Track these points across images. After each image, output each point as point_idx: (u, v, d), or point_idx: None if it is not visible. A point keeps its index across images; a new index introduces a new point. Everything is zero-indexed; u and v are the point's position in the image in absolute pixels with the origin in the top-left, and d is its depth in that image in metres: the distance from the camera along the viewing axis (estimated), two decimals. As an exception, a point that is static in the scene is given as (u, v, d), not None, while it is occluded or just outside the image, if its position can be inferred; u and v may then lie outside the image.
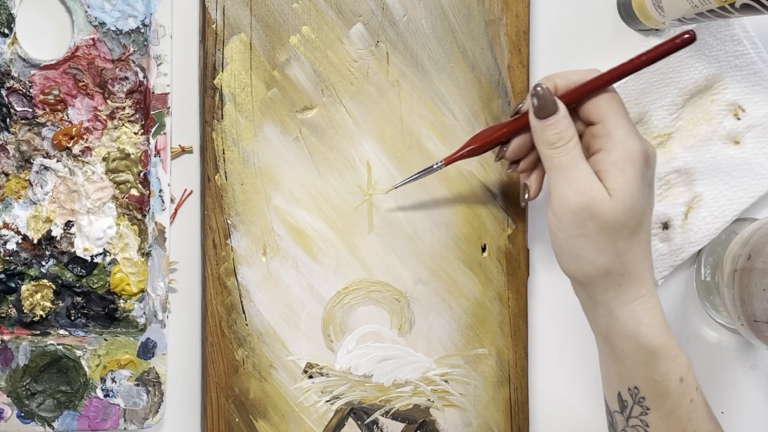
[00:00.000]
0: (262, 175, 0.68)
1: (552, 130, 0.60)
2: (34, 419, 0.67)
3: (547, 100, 0.61)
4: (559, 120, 0.60)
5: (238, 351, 0.68)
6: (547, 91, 0.61)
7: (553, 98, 0.61)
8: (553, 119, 0.60)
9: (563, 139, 0.60)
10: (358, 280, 0.70)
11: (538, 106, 0.61)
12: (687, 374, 0.62)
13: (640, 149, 0.60)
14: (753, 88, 0.73)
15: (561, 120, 0.60)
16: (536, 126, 0.61)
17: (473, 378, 0.71)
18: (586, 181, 0.59)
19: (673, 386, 0.61)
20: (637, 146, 0.60)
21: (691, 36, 0.60)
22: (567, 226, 0.60)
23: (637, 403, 0.62)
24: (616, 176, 0.59)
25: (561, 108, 0.61)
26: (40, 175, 0.66)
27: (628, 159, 0.59)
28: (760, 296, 0.67)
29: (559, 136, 0.60)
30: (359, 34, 0.69)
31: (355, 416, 0.70)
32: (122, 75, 0.67)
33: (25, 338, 0.66)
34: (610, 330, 0.62)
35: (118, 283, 0.67)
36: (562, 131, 0.60)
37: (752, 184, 0.73)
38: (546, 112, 0.61)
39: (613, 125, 0.60)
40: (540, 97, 0.61)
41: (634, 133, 0.60)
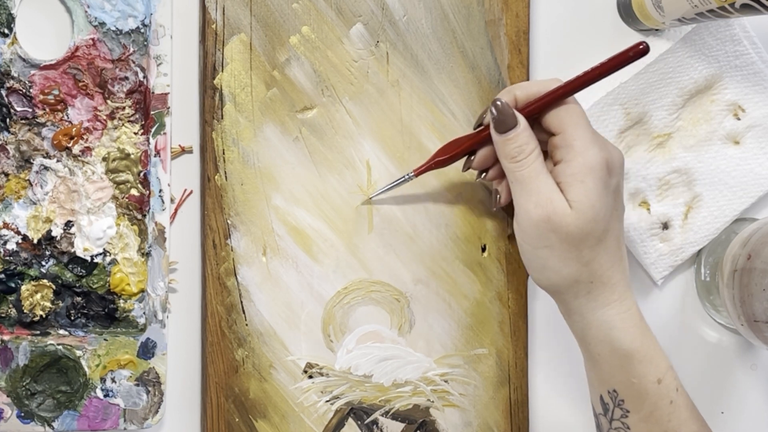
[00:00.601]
0: (262, 175, 0.68)
1: (512, 144, 0.61)
2: (34, 419, 0.67)
3: (506, 114, 0.61)
4: (518, 134, 0.61)
5: (238, 351, 0.68)
6: (505, 106, 0.61)
7: (512, 112, 0.61)
8: (513, 133, 0.61)
9: (523, 152, 0.61)
10: (358, 280, 0.70)
11: (497, 120, 0.62)
12: (665, 375, 0.62)
13: (599, 159, 0.60)
14: (753, 88, 0.73)
15: (521, 134, 0.61)
16: (497, 140, 0.62)
17: (473, 378, 0.71)
18: (547, 194, 0.60)
19: (650, 388, 0.62)
20: (596, 156, 0.60)
21: (644, 47, 0.60)
22: (531, 238, 0.62)
23: (617, 405, 0.63)
24: (575, 187, 0.60)
25: (521, 122, 0.61)
26: (40, 175, 0.66)
27: (588, 169, 0.60)
28: (760, 296, 0.67)
29: (519, 150, 0.61)
30: (359, 34, 0.69)
31: (355, 416, 0.70)
32: (122, 75, 0.67)
33: (25, 338, 0.66)
34: (585, 334, 0.63)
35: (118, 283, 0.67)
36: (522, 144, 0.61)
37: (752, 184, 0.73)
38: (505, 126, 0.61)
39: (573, 136, 0.61)
40: (499, 111, 0.62)
41: (594, 142, 0.61)
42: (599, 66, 0.62)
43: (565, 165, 0.61)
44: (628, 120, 0.72)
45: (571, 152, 0.61)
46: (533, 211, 0.61)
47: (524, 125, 0.61)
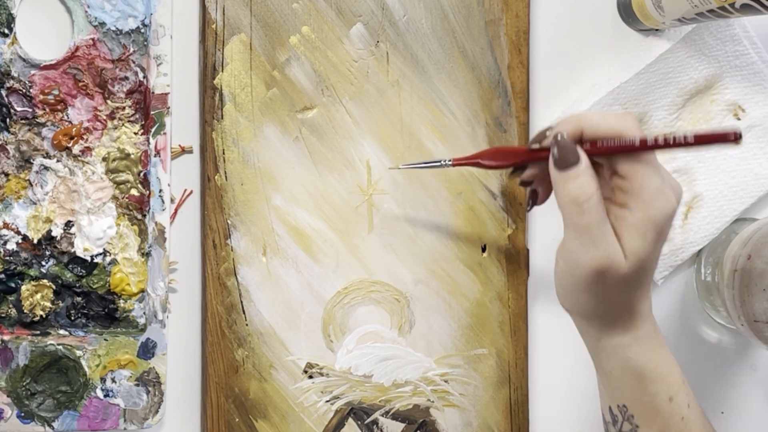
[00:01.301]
0: (262, 175, 0.68)
1: (572, 184, 0.56)
2: (34, 419, 0.67)
3: (568, 150, 0.56)
4: (580, 173, 0.56)
5: (238, 351, 0.68)
6: (568, 142, 0.56)
7: (574, 149, 0.56)
8: (574, 171, 0.56)
9: (585, 193, 0.56)
10: (358, 280, 0.70)
11: (559, 157, 0.56)
12: (678, 393, 0.60)
13: (666, 213, 0.56)
14: (753, 88, 0.73)
15: (582, 173, 0.56)
16: (556, 177, 0.57)
17: (473, 378, 0.71)
18: (605, 247, 0.56)
19: (662, 406, 0.60)
20: (663, 210, 0.56)
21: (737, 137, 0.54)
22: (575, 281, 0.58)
23: (626, 419, 0.62)
24: (635, 239, 0.56)
25: (582, 160, 0.56)
26: (40, 175, 0.66)
27: (652, 224, 0.56)
28: (760, 296, 0.67)
29: (581, 190, 0.56)
30: (359, 34, 0.69)
31: (355, 416, 0.70)
32: (122, 75, 0.67)
33: (25, 338, 0.66)
34: (598, 352, 0.61)
35: (118, 283, 0.67)
36: (583, 184, 0.56)
37: (752, 184, 0.73)
38: (566, 163, 0.56)
39: (642, 186, 0.56)
40: (560, 146, 0.56)
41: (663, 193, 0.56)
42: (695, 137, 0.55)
43: (629, 213, 0.56)
44: (628, 120, 0.72)
45: (638, 202, 0.56)
46: (587, 262, 0.57)
47: (586, 164, 0.56)
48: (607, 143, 0.56)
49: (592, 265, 0.56)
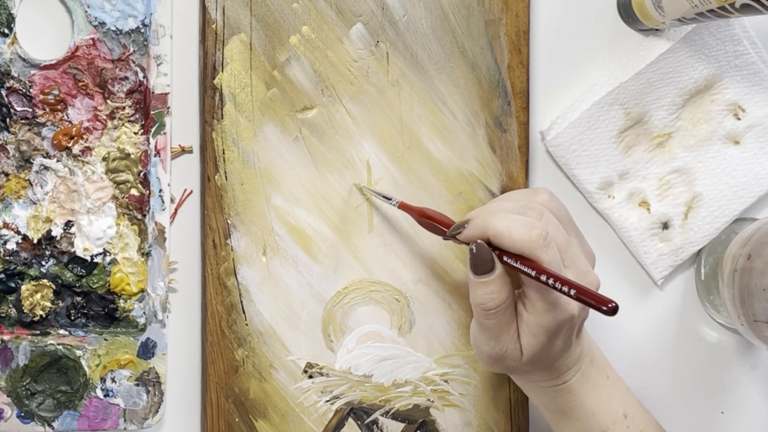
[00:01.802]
0: (262, 175, 0.68)
1: (484, 289, 0.59)
2: (34, 419, 0.67)
3: (484, 259, 0.59)
4: (493, 280, 0.59)
5: (238, 351, 0.68)
6: (484, 251, 0.59)
7: (490, 258, 0.59)
8: (487, 278, 0.59)
9: (493, 301, 0.59)
10: (358, 280, 0.70)
11: (474, 263, 0.59)
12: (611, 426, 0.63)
13: (558, 321, 0.59)
14: (753, 88, 0.73)
15: (494, 281, 0.59)
16: (470, 278, 0.60)
17: (473, 378, 0.71)
18: (504, 344, 0.60)
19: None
20: (555, 319, 0.58)
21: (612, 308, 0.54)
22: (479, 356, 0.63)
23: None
24: (528, 337, 0.60)
25: (497, 269, 0.59)
26: (40, 175, 0.66)
27: (544, 328, 0.59)
28: (760, 296, 0.67)
29: (489, 297, 0.59)
30: (359, 34, 0.69)
31: (355, 416, 0.70)
32: (122, 75, 0.67)
33: (25, 338, 0.66)
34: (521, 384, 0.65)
35: (118, 283, 0.67)
36: (493, 292, 0.59)
37: (752, 184, 0.73)
38: (481, 270, 0.59)
39: (534, 297, 0.59)
40: (476, 254, 0.59)
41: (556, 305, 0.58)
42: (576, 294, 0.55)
43: (524, 312, 0.59)
44: (628, 120, 0.72)
45: (531, 307, 0.59)
46: (487, 351, 0.61)
47: (499, 273, 0.59)
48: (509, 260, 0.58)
49: (491, 354, 0.61)
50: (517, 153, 0.71)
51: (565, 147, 0.72)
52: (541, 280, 0.56)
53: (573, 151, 0.72)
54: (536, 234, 0.57)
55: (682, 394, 0.75)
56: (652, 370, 0.74)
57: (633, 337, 0.74)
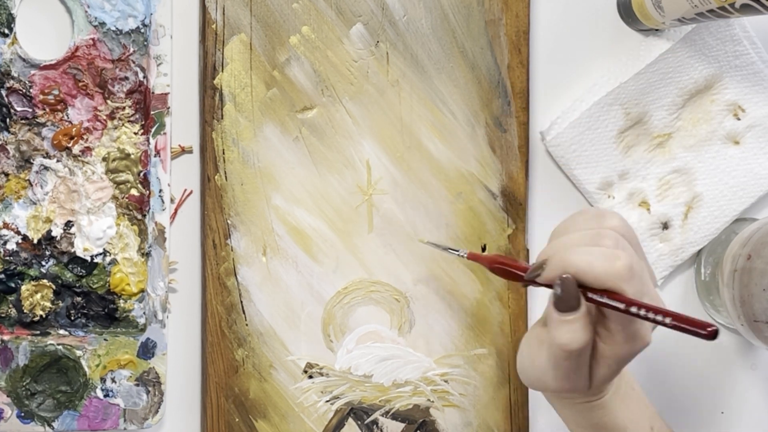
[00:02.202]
0: (262, 175, 0.68)
1: (568, 327, 0.56)
2: (34, 419, 0.67)
3: (571, 295, 0.55)
4: (576, 319, 0.55)
5: (238, 351, 0.68)
6: (572, 286, 0.55)
7: (577, 295, 0.55)
8: (572, 316, 0.55)
9: (577, 341, 0.56)
10: (358, 280, 0.70)
11: (559, 299, 0.56)
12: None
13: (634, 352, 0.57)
14: (753, 88, 0.73)
15: (578, 320, 0.56)
16: (552, 315, 0.56)
17: (473, 378, 0.71)
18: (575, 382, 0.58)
19: None
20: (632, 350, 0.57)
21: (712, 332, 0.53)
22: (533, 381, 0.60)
23: None
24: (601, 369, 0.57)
25: (582, 308, 0.55)
26: (40, 175, 0.66)
27: (619, 360, 0.57)
28: (760, 296, 0.67)
29: (573, 338, 0.55)
30: (359, 34, 0.69)
31: (355, 416, 0.70)
32: (122, 75, 0.67)
33: (25, 338, 0.66)
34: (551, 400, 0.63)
35: (118, 283, 0.67)
36: (577, 330, 0.55)
37: (752, 184, 0.73)
38: (566, 306, 0.56)
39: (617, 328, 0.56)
40: (564, 289, 0.55)
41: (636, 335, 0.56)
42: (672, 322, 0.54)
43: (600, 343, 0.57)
44: (628, 120, 0.72)
45: (609, 338, 0.57)
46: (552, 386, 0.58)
47: (584, 312, 0.55)
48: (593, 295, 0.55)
49: (556, 389, 0.58)
50: (517, 153, 0.71)
51: (565, 147, 0.72)
52: (632, 312, 0.54)
53: (573, 151, 0.72)
54: (621, 265, 0.55)
55: (682, 394, 0.75)
56: (652, 371, 0.74)
57: (633, 337, 0.74)
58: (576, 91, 0.73)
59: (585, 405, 0.61)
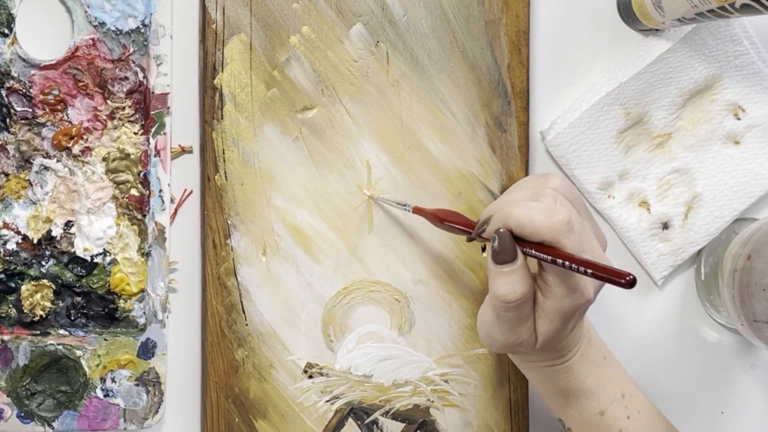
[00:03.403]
0: (262, 175, 0.68)
1: (506, 279, 0.58)
2: (34, 419, 0.67)
3: (507, 248, 0.58)
4: (515, 269, 0.58)
5: (238, 351, 0.68)
6: (507, 239, 0.58)
7: (513, 247, 0.58)
8: (509, 267, 0.58)
9: (515, 292, 0.58)
10: (358, 280, 0.70)
11: (496, 251, 0.59)
12: (610, 406, 0.63)
13: (575, 307, 0.59)
14: (753, 88, 0.73)
15: (515, 271, 0.58)
16: (491, 268, 0.59)
17: (473, 378, 0.71)
18: (520, 335, 0.60)
19: (593, 420, 0.63)
20: (572, 304, 0.59)
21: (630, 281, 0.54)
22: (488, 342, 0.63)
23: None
24: (544, 323, 0.60)
25: (519, 259, 0.58)
26: (40, 175, 0.66)
27: (560, 313, 0.59)
28: (760, 296, 0.67)
29: (512, 289, 0.58)
30: (359, 34, 0.69)
31: (355, 416, 0.70)
32: (122, 75, 0.67)
33: (25, 338, 0.66)
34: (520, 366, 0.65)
35: (118, 283, 0.67)
36: (515, 282, 0.58)
37: (752, 184, 0.73)
38: (502, 259, 0.58)
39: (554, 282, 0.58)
40: (500, 242, 0.58)
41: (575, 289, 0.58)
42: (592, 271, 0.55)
43: (542, 298, 0.59)
44: (628, 120, 0.72)
45: (549, 292, 0.59)
46: (501, 340, 0.61)
47: (520, 263, 0.58)
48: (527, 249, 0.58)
49: (504, 342, 0.61)
50: (517, 153, 0.71)
51: (565, 147, 0.72)
52: (558, 263, 0.56)
53: (573, 151, 0.72)
54: (558, 219, 0.57)
55: (682, 394, 0.75)
56: (652, 371, 0.74)
57: (633, 337, 0.74)
58: (576, 91, 0.73)
59: (550, 368, 0.62)
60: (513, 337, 0.60)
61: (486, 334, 0.62)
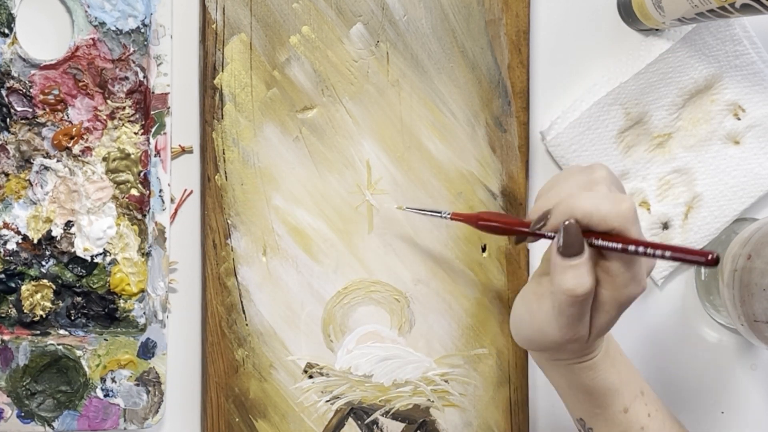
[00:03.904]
0: (262, 175, 0.68)
1: (574, 273, 0.56)
2: (34, 419, 0.67)
3: (575, 240, 0.56)
4: (580, 264, 0.56)
5: (238, 351, 0.68)
6: (576, 231, 0.56)
7: (581, 240, 0.56)
8: (577, 261, 0.56)
9: (583, 286, 0.56)
10: (358, 280, 0.70)
11: (565, 244, 0.57)
12: (633, 403, 0.62)
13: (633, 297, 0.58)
14: (753, 88, 0.73)
15: (583, 265, 0.57)
16: (557, 262, 0.57)
17: (473, 378, 0.71)
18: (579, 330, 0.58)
19: (617, 418, 0.62)
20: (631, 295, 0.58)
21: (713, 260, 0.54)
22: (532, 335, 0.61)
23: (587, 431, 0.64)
24: (600, 315, 0.58)
25: (586, 252, 0.57)
26: (40, 175, 0.66)
27: (618, 304, 0.58)
28: (760, 296, 0.67)
29: (580, 282, 0.56)
30: (359, 34, 0.69)
31: (355, 416, 0.70)
32: (122, 75, 0.67)
33: (25, 338, 0.66)
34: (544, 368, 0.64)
35: (118, 283, 0.67)
36: (582, 275, 0.56)
37: (752, 184, 0.73)
38: (571, 252, 0.56)
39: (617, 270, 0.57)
40: (568, 234, 0.57)
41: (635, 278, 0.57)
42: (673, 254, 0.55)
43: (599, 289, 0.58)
44: (628, 120, 0.72)
45: (609, 283, 0.57)
46: (556, 337, 0.59)
47: (588, 257, 0.57)
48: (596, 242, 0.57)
49: (559, 339, 0.59)
50: (517, 153, 0.71)
51: (565, 147, 0.72)
52: (632, 251, 0.55)
53: (573, 151, 0.72)
54: (626, 207, 0.56)
55: (682, 394, 0.75)
56: (652, 370, 0.74)
57: (633, 337, 0.74)
58: (576, 91, 0.73)
59: (576, 366, 0.61)
60: (570, 332, 0.58)
61: (537, 332, 0.60)
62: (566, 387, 0.63)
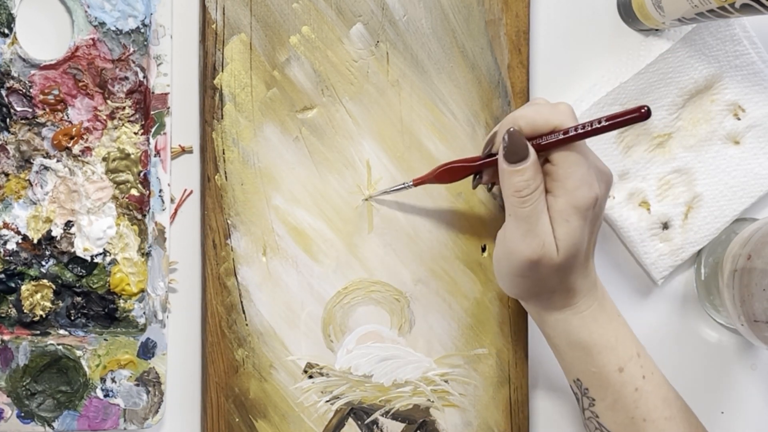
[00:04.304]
0: (262, 175, 0.68)
1: (519, 177, 0.60)
2: (34, 419, 0.67)
3: (519, 145, 0.60)
4: (528, 167, 0.60)
5: (238, 351, 0.68)
6: (519, 135, 0.60)
7: (525, 143, 0.60)
8: (522, 165, 0.60)
9: (529, 187, 0.60)
10: (358, 280, 0.70)
11: (509, 150, 0.60)
12: (629, 364, 0.63)
13: (587, 200, 0.60)
14: (753, 88, 0.73)
15: (530, 167, 0.60)
16: (504, 169, 0.60)
17: (473, 378, 0.71)
18: (542, 237, 0.60)
19: (612, 377, 0.63)
20: (585, 197, 0.60)
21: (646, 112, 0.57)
22: (510, 266, 0.62)
23: (584, 394, 0.65)
24: (560, 225, 0.60)
25: (531, 155, 0.60)
26: (40, 175, 0.66)
27: (575, 209, 0.60)
28: (760, 296, 0.67)
29: (525, 184, 0.60)
30: (359, 34, 0.69)
31: (355, 416, 0.70)
32: (122, 75, 0.67)
33: (25, 338, 0.66)
34: (541, 324, 0.65)
35: (118, 283, 0.67)
36: (528, 179, 0.60)
37: (752, 184, 0.73)
38: (516, 157, 0.60)
39: (566, 174, 0.60)
40: (512, 140, 0.60)
41: (585, 181, 0.60)
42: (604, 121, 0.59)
43: (553, 200, 0.60)
44: (628, 120, 0.72)
45: (561, 189, 0.60)
46: (525, 251, 0.61)
47: (533, 159, 0.60)
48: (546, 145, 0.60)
49: (528, 254, 0.61)
50: (517, 153, 0.71)
51: (565, 147, 0.72)
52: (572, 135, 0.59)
53: (573, 151, 0.72)
54: (564, 106, 0.61)
55: (682, 394, 0.75)
56: (652, 370, 0.74)
57: (633, 337, 0.74)
58: (576, 91, 0.73)
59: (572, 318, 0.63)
60: (535, 240, 0.60)
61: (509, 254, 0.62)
62: (565, 345, 0.64)
